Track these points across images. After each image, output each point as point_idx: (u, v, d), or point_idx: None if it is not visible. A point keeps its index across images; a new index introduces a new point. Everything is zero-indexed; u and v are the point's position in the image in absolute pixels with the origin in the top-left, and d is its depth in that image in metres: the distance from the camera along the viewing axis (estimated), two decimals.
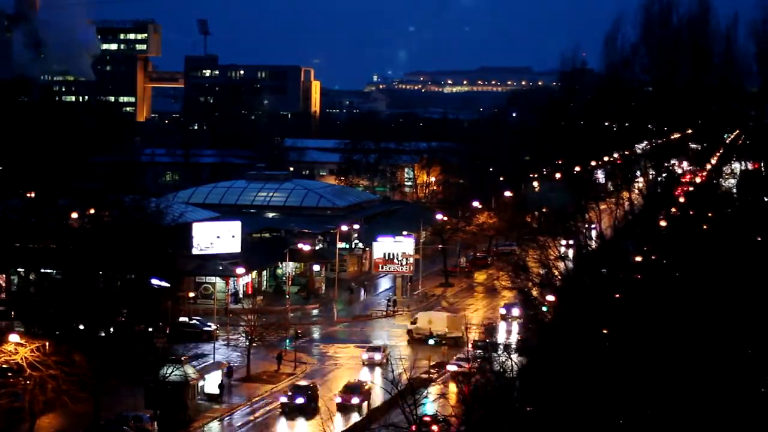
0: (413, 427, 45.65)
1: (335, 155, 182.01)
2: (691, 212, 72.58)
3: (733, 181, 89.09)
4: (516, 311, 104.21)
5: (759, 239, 58.36)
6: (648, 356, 41.86)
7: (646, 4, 72.19)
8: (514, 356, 54.08)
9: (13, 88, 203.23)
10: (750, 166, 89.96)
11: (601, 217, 75.57)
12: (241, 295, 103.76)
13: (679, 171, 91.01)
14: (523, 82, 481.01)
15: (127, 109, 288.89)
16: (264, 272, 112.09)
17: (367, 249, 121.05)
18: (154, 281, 74.63)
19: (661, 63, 74.28)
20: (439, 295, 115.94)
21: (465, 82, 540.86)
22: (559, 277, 63.20)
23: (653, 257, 61.86)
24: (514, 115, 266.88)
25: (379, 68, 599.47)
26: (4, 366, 62.92)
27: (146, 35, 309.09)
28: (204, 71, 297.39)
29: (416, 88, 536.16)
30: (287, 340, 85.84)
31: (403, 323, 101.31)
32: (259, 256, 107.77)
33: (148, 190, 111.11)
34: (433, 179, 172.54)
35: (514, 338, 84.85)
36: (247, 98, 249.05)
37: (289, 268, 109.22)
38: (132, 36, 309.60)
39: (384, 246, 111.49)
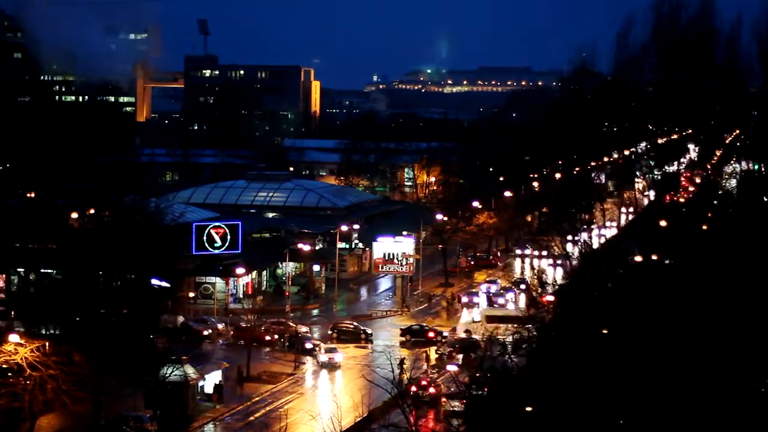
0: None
1: (335, 155, 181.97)
2: (691, 212, 72.65)
3: (733, 181, 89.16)
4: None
5: (759, 239, 58.35)
6: (648, 356, 41.86)
7: (656, 5, 72.29)
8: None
9: (13, 88, 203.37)
10: (750, 166, 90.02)
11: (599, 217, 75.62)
12: (241, 295, 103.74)
13: (680, 171, 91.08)
14: (523, 82, 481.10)
15: (127, 109, 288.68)
16: (264, 272, 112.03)
17: (367, 249, 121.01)
18: (154, 281, 74.57)
19: (665, 64, 74.35)
20: (439, 295, 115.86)
21: (465, 82, 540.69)
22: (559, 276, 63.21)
23: (653, 257, 61.86)
24: (514, 115, 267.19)
25: (379, 68, 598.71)
26: (4, 366, 62.88)
27: (146, 35, 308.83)
28: (204, 71, 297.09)
29: (416, 88, 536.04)
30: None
31: (404, 323, 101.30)
32: (259, 256, 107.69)
33: (147, 190, 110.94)
34: (433, 179, 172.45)
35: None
36: (247, 98, 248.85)
37: (289, 268, 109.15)
38: (132, 36, 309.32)
39: (384, 246, 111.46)
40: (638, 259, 64.70)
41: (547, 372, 45.82)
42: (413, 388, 69.54)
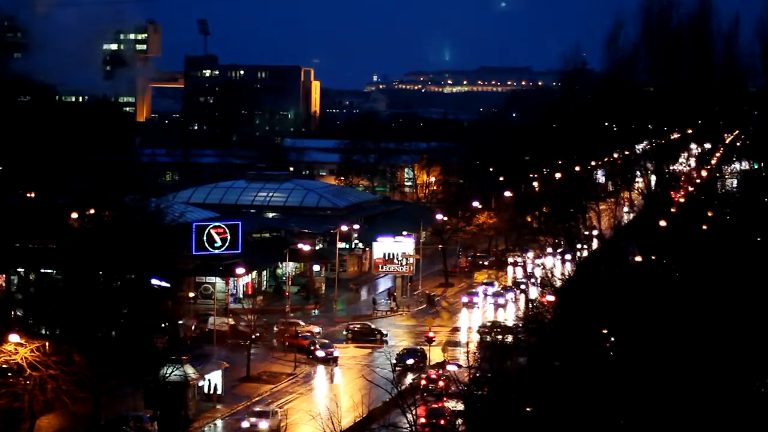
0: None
1: (335, 155, 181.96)
2: (690, 212, 72.58)
3: (733, 181, 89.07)
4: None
5: (759, 239, 58.33)
6: (648, 356, 41.85)
7: (646, 5, 72.19)
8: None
9: (13, 88, 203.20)
10: (750, 166, 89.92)
11: (601, 217, 75.64)
12: (241, 295, 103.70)
13: (680, 171, 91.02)
14: (523, 82, 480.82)
15: (127, 109, 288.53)
16: (264, 272, 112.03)
17: (367, 249, 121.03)
18: (154, 281, 74.53)
19: (662, 63, 74.27)
20: (440, 295, 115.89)
21: (465, 82, 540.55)
22: (559, 277, 63.24)
23: (653, 257, 61.83)
24: (514, 115, 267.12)
25: (379, 68, 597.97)
26: (4, 366, 62.86)
27: (146, 35, 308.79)
28: (204, 71, 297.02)
29: (416, 88, 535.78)
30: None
31: (403, 323, 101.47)
32: (259, 256, 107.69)
33: (147, 190, 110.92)
34: (433, 179, 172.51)
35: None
36: (247, 98, 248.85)
37: (289, 268, 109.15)
38: (132, 36, 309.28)
39: (384, 246, 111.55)
40: (638, 259, 64.72)
41: (547, 372, 45.83)
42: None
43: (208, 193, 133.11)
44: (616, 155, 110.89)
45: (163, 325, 74.91)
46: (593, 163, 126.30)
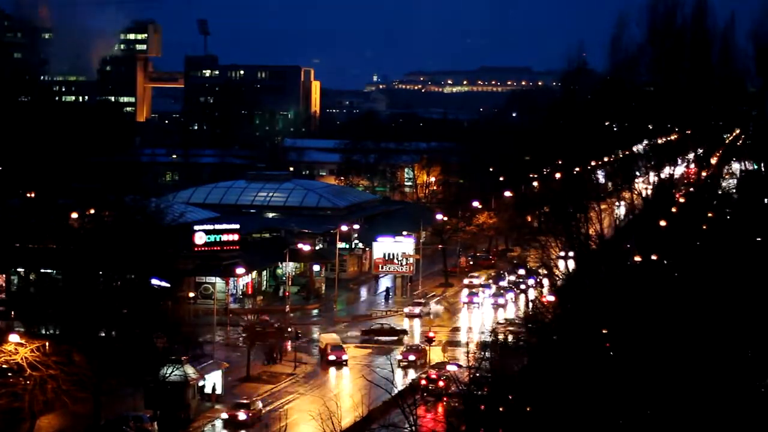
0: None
1: (335, 155, 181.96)
2: (690, 213, 72.53)
3: (733, 181, 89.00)
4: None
5: (759, 240, 58.32)
6: (648, 356, 41.86)
7: (652, 3, 72.00)
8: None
9: (13, 88, 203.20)
10: (750, 166, 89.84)
11: (601, 217, 75.52)
12: (241, 295, 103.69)
13: (680, 171, 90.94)
14: (523, 82, 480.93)
15: (127, 109, 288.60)
16: (264, 272, 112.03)
17: (367, 249, 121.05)
18: (154, 281, 74.57)
19: (664, 62, 74.20)
20: (439, 295, 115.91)
21: (465, 82, 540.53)
22: (559, 277, 63.22)
23: (653, 257, 61.80)
24: (514, 115, 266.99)
25: (379, 68, 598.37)
26: (4, 366, 62.88)
27: (146, 35, 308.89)
28: (204, 71, 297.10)
29: (416, 88, 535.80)
30: None
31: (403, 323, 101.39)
32: (259, 256, 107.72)
33: (147, 190, 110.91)
34: (433, 179, 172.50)
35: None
36: (247, 98, 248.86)
37: (289, 268, 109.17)
38: (132, 36, 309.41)
39: (384, 246, 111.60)
40: (637, 259, 64.67)
41: (547, 372, 45.83)
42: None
43: (208, 193, 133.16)
44: (615, 155, 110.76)
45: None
46: (593, 163, 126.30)
